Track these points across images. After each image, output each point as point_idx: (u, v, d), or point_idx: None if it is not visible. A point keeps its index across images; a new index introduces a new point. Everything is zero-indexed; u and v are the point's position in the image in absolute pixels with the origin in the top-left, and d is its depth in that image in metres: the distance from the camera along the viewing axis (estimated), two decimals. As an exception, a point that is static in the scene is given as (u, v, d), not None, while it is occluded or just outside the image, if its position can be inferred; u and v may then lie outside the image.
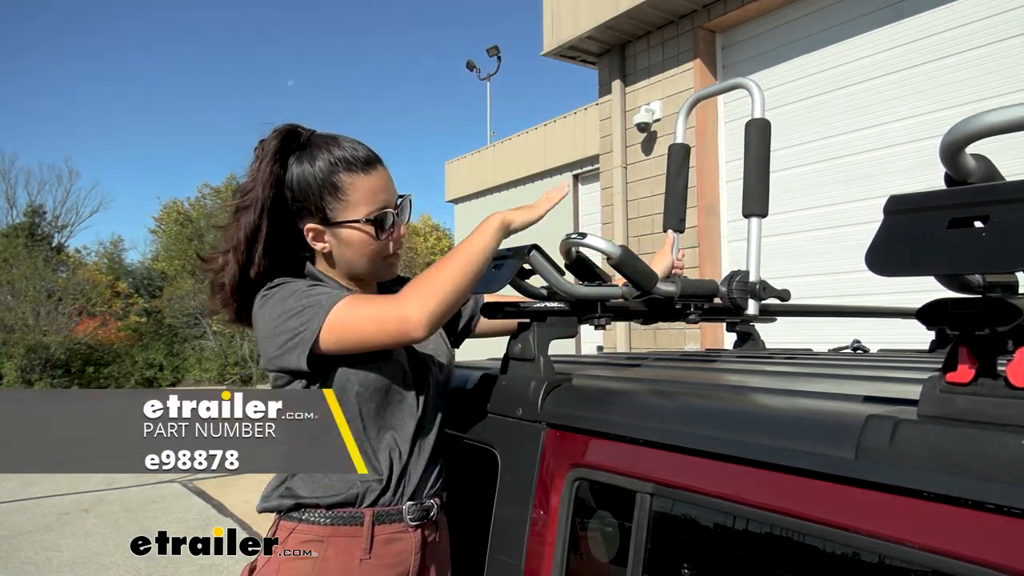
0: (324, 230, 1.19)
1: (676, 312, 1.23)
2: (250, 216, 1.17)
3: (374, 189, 1.19)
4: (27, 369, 20.42)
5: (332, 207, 1.18)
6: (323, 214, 1.18)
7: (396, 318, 1.06)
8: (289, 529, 1.14)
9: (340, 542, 1.12)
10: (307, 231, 1.19)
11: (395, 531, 1.15)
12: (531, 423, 1.07)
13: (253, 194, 1.18)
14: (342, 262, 1.22)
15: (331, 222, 1.18)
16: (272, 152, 1.18)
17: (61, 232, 27.38)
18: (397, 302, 1.07)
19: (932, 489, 0.57)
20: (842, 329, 4.00)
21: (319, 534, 1.12)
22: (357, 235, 1.19)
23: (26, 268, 21.80)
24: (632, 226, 6.22)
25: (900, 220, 0.61)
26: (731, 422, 0.78)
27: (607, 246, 1.18)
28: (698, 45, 5.75)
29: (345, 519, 1.13)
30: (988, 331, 0.59)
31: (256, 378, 21.84)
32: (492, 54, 17.77)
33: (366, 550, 1.12)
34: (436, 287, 1.06)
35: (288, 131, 1.20)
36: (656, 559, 0.85)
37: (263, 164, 1.18)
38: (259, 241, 1.18)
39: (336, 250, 1.21)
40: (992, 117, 0.66)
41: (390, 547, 1.14)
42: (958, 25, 4.43)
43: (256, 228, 1.17)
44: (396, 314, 1.06)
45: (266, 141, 1.20)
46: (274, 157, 1.18)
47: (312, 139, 1.21)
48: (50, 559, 4.43)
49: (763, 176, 1.33)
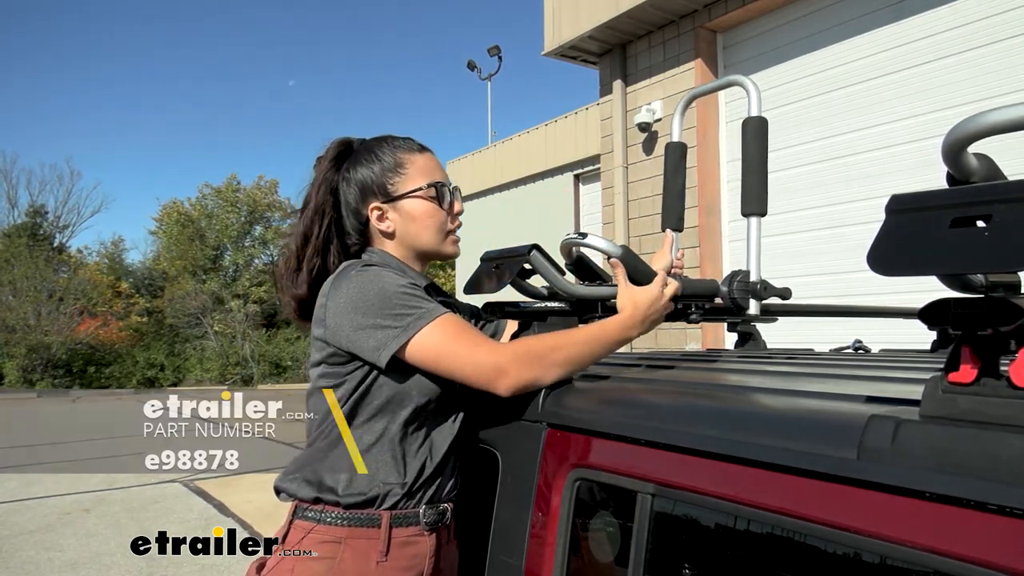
0: (388, 207, 1.24)
1: (677, 312, 1.23)
2: (303, 223, 1.25)
3: (431, 167, 1.28)
4: (28, 369, 20.44)
5: (393, 182, 1.24)
6: (385, 191, 1.24)
7: (493, 370, 1.07)
8: (306, 529, 1.13)
9: (357, 543, 1.11)
10: (372, 211, 1.24)
11: (411, 534, 1.15)
12: (532, 423, 1.07)
13: (309, 201, 1.26)
14: (407, 238, 1.26)
15: (394, 196, 1.24)
16: (329, 160, 1.27)
17: (62, 232, 27.43)
18: (501, 354, 1.08)
19: (934, 490, 0.57)
20: (843, 329, 4.00)
21: (336, 535, 1.12)
22: (421, 205, 1.24)
23: (27, 268, 21.83)
24: (633, 226, 6.22)
25: (902, 220, 0.61)
26: (732, 422, 0.77)
27: (607, 246, 1.18)
28: (699, 45, 5.75)
29: (363, 520, 1.12)
30: (990, 331, 0.59)
31: (257, 378, 21.85)
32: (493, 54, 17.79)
33: (383, 552, 1.12)
34: (547, 362, 1.08)
35: (341, 141, 1.30)
36: (657, 560, 0.84)
37: (319, 174, 1.27)
38: (311, 244, 1.24)
39: (400, 226, 1.25)
40: (994, 116, 0.66)
41: (406, 550, 1.14)
42: (958, 25, 4.42)
43: (307, 233, 1.24)
44: (495, 366, 1.07)
45: (323, 155, 1.29)
46: (329, 166, 1.27)
47: (364, 143, 1.30)
48: (51, 559, 4.43)
49: (761, 174, 1.32)
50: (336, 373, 1.15)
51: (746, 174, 1.33)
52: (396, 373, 1.12)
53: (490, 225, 11.81)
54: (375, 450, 1.14)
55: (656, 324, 1.19)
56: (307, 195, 1.27)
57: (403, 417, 1.14)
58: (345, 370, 1.14)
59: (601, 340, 1.13)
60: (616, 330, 1.14)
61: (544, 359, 1.07)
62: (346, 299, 1.12)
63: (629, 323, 1.15)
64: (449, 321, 1.10)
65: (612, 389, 1.03)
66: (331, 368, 1.15)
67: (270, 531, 1.19)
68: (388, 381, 1.13)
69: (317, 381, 1.18)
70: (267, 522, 5.02)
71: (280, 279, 1.28)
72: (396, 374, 1.12)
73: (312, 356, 1.19)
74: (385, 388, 1.14)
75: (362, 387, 1.14)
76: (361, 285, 1.12)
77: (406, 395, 1.14)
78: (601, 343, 1.13)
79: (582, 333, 1.13)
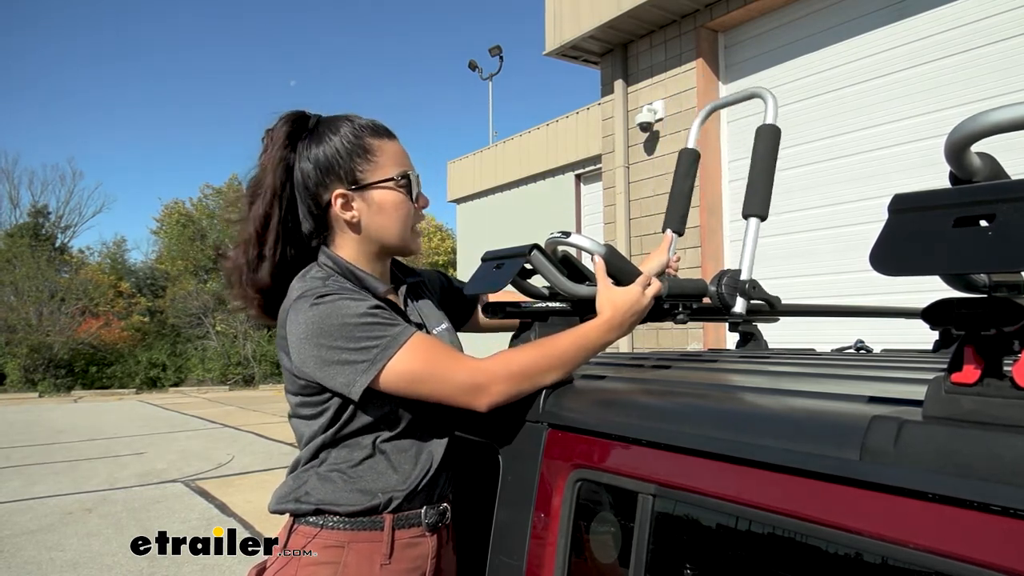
0: (355, 195, 1.16)
1: (664, 311, 1.22)
2: (260, 206, 1.16)
3: (401, 155, 1.20)
4: (30, 369, 20.46)
5: (363, 169, 1.16)
6: (353, 177, 1.15)
7: (471, 389, 1.04)
8: (309, 535, 1.11)
9: (361, 547, 1.10)
10: (336, 198, 1.15)
11: (414, 535, 1.14)
12: (533, 423, 1.06)
13: (263, 183, 1.16)
14: (371, 231, 1.17)
15: (363, 184, 1.15)
16: (282, 138, 1.16)
17: (64, 232, 27.49)
18: (479, 372, 1.05)
19: (937, 491, 0.57)
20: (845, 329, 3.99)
21: (340, 539, 1.10)
22: (391, 196, 1.17)
23: (29, 268, 21.86)
24: (634, 226, 6.22)
25: (905, 219, 0.60)
26: (734, 423, 0.77)
27: (591, 245, 1.18)
28: (700, 44, 5.74)
29: (365, 524, 1.11)
30: (994, 331, 0.59)
31: (258, 378, 21.87)
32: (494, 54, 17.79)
33: (386, 555, 1.11)
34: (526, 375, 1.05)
35: (296, 116, 1.19)
36: (658, 561, 0.84)
37: (272, 151, 1.16)
38: (271, 230, 1.16)
39: (367, 217, 1.17)
40: (996, 116, 0.66)
41: (409, 551, 1.13)
42: (959, 25, 4.42)
43: (267, 217, 1.15)
44: (473, 385, 1.04)
45: (274, 128, 1.18)
46: (284, 143, 1.16)
47: (323, 120, 1.20)
48: (53, 559, 4.43)
49: (768, 180, 1.32)
50: (314, 402, 1.11)
51: (753, 177, 1.32)
52: (375, 396, 1.08)
53: (491, 225, 11.82)
54: (369, 463, 1.12)
55: (635, 325, 1.16)
56: (260, 175, 1.17)
57: (393, 429, 1.13)
58: (322, 398, 1.10)
59: (581, 346, 1.10)
60: (596, 334, 1.12)
61: (523, 373, 1.05)
62: (307, 334, 1.05)
63: (607, 326, 1.12)
64: (417, 345, 1.05)
65: (613, 390, 1.03)
66: (307, 398, 1.12)
67: (271, 531, 1.19)
68: (369, 403, 1.09)
69: (296, 409, 1.15)
70: (268, 522, 5.02)
71: (232, 271, 1.19)
72: (375, 396, 1.08)
73: (286, 384, 1.15)
74: (369, 408, 1.10)
75: (344, 414, 1.11)
76: (320, 319, 1.04)
77: (391, 411, 1.11)
78: (581, 349, 1.10)
79: (561, 341, 1.10)
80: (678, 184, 1.63)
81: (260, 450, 8.56)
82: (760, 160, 1.32)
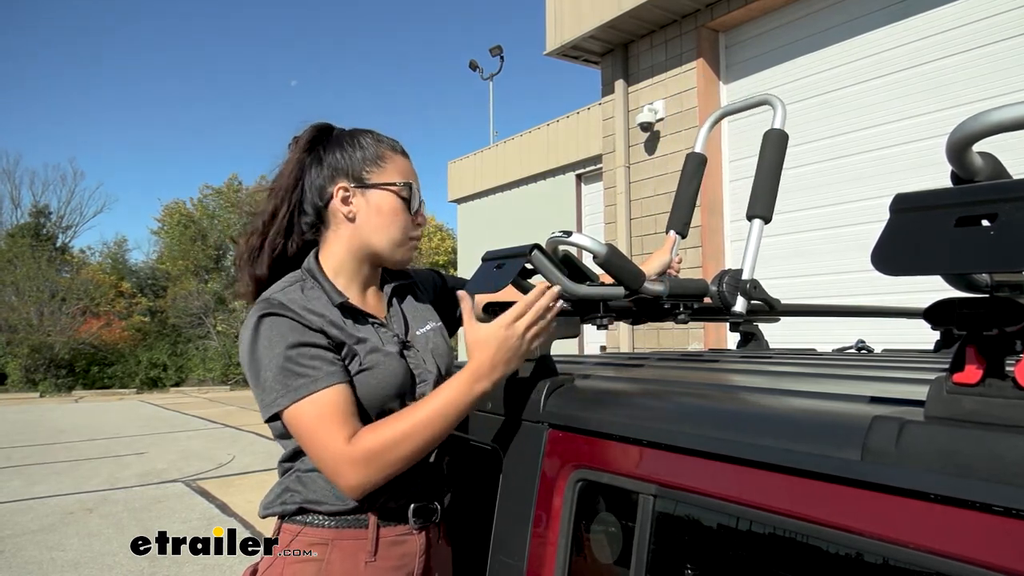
0: (356, 191, 1.20)
1: (665, 311, 1.22)
2: (272, 201, 1.22)
3: (409, 170, 1.25)
4: (31, 369, 20.48)
5: (370, 170, 1.21)
6: (359, 176, 1.20)
7: (332, 473, 1.03)
8: (293, 532, 1.13)
9: (345, 544, 1.11)
10: (337, 191, 1.19)
11: (400, 533, 1.15)
12: (533, 423, 1.06)
13: (279, 181, 1.23)
14: (366, 229, 1.20)
15: (366, 183, 1.20)
16: (304, 142, 1.23)
17: (65, 232, 27.51)
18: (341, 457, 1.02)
19: (939, 491, 0.56)
20: (846, 329, 3.99)
21: (324, 537, 1.11)
22: (390, 201, 1.21)
23: (30, 268, 21.88)
24: (635, 226, 6.22)
25: (906, 219, 0.60)
26: (734, 423, 0.77)
27: (593, 244, 1.17)
28: (701, 44, 5.74)
29: (350, 522, 1.12)
30: (996, 331, 0.59)
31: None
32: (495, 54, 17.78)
33: (371, 552, 1.11)
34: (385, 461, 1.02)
35: (322, 126, 1.26)
36: (659, 561, 0.84)
37: (293, 153, 1.23)
38: (275, 224, 1.22)
39: (363, 215, 1.20)
40: (999, 115, 0.65)
41: (395, 549, 1.14)
42: (960, 24, 4.41)
43: (275, 211, 1.22)
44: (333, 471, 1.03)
45: (300, 135, 1.25)
46: (305, 147, 1.23)
47: (346, 130, 1.26)
48: (54, 559, 4.44)
49: (773, 183, 1.32)
50: None
51: (758, 179, 1.32)
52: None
53: (491, 225, 11.82)
54: None
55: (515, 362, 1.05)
56: (279, 174, 1.24)
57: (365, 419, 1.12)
58: None
59: (443, 414, 1.03)
60: (457, 394, 1.03)
61: (381, 459, 1.02)
62: (243, 351, 1.11)
63: (472, 378, 1.03)
64: (312, 406, 1.04)
65: (614, 390, 1.03)
66: None
67: (270, 532, 1.19)
68: None
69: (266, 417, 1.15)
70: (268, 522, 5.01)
71: (241, 256, 1.25)
72: None
73: None
74: None
75: None
76: (252, 340, 1.08)
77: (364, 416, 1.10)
78: (444, 418, 1.03)
79: (423, 414, 1.03)
80: (683, 187, 1.63)
81: (261, 450, 8.56)
82: (767, 164, 1.33)
